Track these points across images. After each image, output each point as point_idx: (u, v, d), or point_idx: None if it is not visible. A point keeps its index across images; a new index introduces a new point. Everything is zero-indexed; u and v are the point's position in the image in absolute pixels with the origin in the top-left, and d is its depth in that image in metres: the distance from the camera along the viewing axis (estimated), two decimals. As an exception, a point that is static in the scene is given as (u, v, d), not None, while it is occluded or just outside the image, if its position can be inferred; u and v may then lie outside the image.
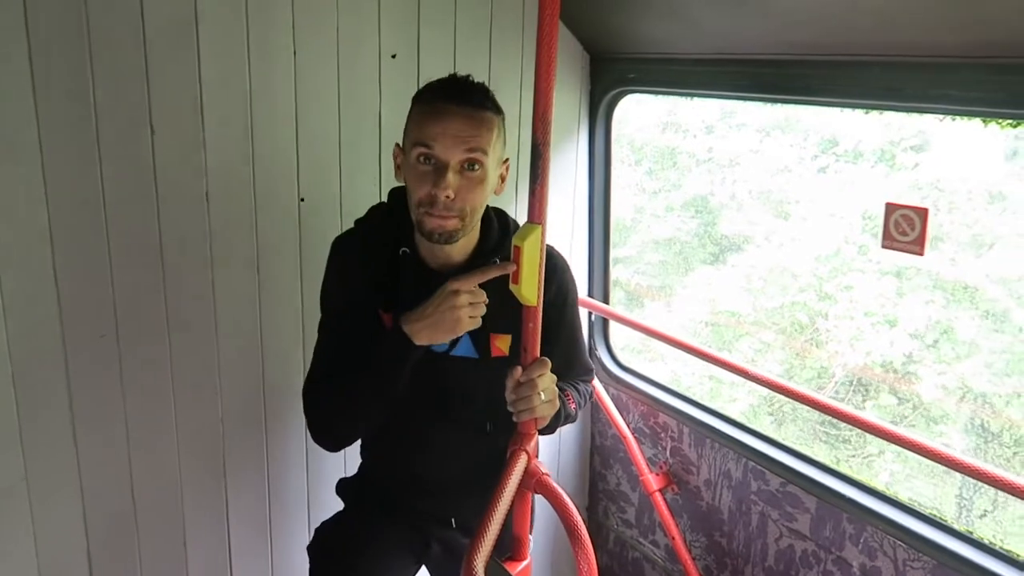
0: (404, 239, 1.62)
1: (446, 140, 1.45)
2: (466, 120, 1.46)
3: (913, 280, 3.95)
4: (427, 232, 1.50)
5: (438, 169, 1.46)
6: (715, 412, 2.31)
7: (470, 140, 1.45)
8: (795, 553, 2.09)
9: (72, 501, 1.88)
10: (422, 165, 1.47)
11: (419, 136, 1.47)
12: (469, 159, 1.47)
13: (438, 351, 1.63)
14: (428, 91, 1.52)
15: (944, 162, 3.78)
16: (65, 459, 1.85)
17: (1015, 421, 3.61)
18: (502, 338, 1.65)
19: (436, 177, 1.45)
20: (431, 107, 1.47)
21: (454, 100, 1.46)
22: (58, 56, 1.66)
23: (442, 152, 1.45)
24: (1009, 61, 1.48)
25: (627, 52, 2.33)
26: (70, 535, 1.89)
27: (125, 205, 1.80)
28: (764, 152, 4.91)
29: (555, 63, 1.34)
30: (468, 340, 1.63)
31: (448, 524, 1.78)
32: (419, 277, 1.60)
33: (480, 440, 1.70)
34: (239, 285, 1.99)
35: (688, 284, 5.12)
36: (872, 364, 4.05)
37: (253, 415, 2.10)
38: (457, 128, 1.45)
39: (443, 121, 1.45)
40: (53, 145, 1.68)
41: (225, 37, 1.84)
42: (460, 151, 1.45)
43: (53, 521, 1.86)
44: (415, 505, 1.78)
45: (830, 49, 1.81)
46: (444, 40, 2.15)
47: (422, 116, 1.48)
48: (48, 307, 1.76)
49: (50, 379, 1.79)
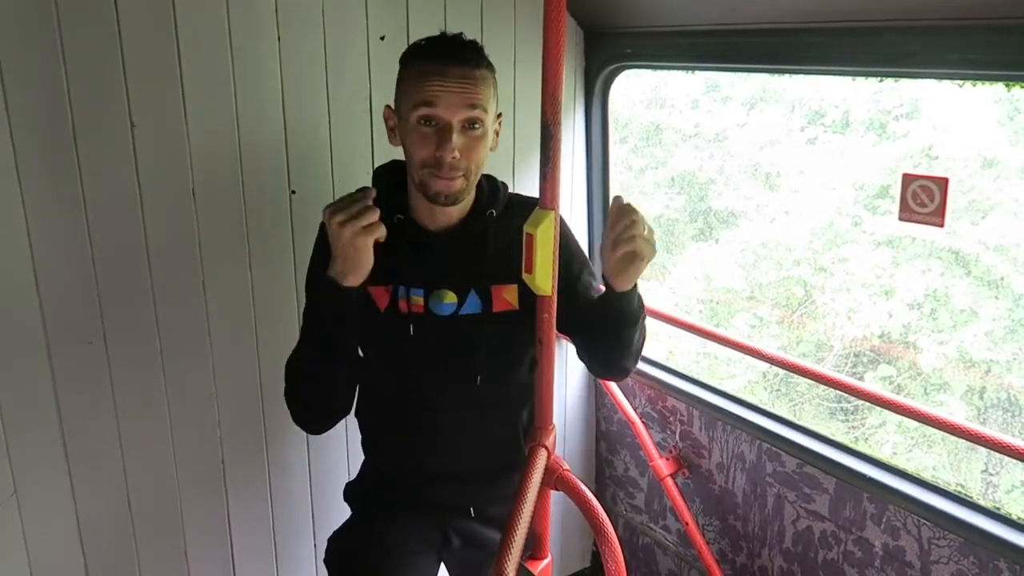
0: (396, 207, 1.57)
1: (449, 100, 1.43)
2: (465, 79, 1.44)
3: (908, 250, 3.93)
4: (433, 194, 1.49)
5: (441, 130, 1.45)
6: (727, 394, 2.26)
7: (471, 98, 1.44)
8: (813, 534, 2.05)
9: (66, 515, 1.80)
10: (424, 127, 1.45)
11: (419, 97, 1.44)
12: (470, 117, 1.46)
13: (446, 314, 1.58)
14: (421, 51, 1.48)
15: (937, 129, 3.75)
16: (56, 472, 1.77)
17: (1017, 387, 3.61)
18: (508, 289, 1.60)
19: (440, 138, 1.44)
20: (428, 68, 1.44)
21: (450, 59, 1.44)
22: (26, 46, 1.55)
23: (445, 112, 1.44)
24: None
25: (623, 26, 2.25)
26: (65, 551, 1.82)
27: (107, 204, 1.70)
28: (751, 125, 4.86)
29: (564, 40, 1.26)
30: (475, 296, 1.59)
31: (467, 514, 1.73)
32: (418, 242, 1.57)
33: (492, 409, 1.65)
34: (231, 284, 1.91)
35: (679, 262, 5.08)
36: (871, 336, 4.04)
37: (251, 418, 2.02)
38: (457, 88, 1.43)
39: (442, 81, 1.43)
40: (26, 143, 1.58)
41: (206, 23, 1.74)
42: (462, 110, 1.44)
43: (47, 537, 1.78)
44: (429, 498, 1.71)
45: (837, 16, 1.74)
46: (434, 20, 2.06)
47: (420, 77, 1.44)
48: (30, 314, 1.67)
49: (36, 390, 1.71)
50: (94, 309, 1.74)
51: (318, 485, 2.16)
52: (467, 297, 1.59)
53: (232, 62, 1.79)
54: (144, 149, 1.72)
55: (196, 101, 1.76)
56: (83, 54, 1.61)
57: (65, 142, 1.63)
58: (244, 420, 2.01)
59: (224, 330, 1.92)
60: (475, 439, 1.67)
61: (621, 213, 1.40)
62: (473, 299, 1.60)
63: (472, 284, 1.60)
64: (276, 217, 1.93)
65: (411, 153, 1.49)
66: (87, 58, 1.62)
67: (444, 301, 1.59)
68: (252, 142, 1.86)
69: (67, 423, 1.75)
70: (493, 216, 1.60)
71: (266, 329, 1.97)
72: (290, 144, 1.91)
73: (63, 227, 1.67)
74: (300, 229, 1.96)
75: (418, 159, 1.47)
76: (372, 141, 2.03)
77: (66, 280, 1.69)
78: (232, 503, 2.04)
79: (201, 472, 1.97)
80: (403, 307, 1.58)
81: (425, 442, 1.67)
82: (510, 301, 1.61)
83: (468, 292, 1.59)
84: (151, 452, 1.88)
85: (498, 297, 1.61)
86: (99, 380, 1.78)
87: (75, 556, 1.83)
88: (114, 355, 1.78)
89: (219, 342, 1.92)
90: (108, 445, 1.82)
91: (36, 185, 1.61)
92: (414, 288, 1.58)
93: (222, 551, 2.06)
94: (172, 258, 1.81)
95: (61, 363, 1.72)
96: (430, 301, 1.58)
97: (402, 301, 1.58)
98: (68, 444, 1.76)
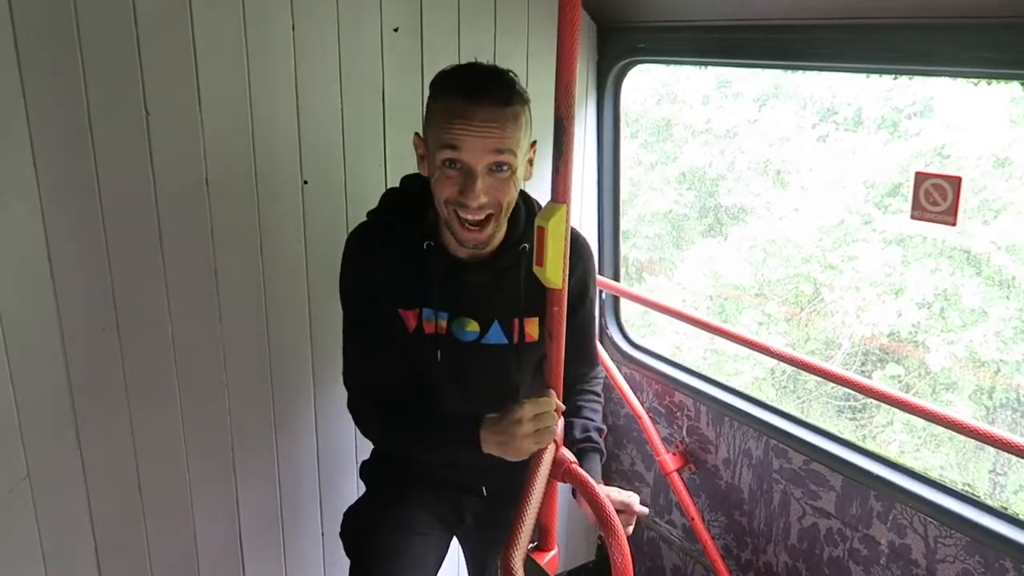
0: (427, 231, 1.55)
1: (474, 145, 1.37)
2: (492, 122, 1.37)
3: (919, 249, 3.91)
4: (462, 241, 1.47)
5: (466, 174, 1.40)
6: (734, 390, 2.26)
7: (498, 143, 1.38)
8: (819, 531, 2.05)
9: (78, 499, 1.82)
10: (449, 169, 1.41)
11: (443, 139, 1.39)
12: (497, 162, 1.40)
13: (468, 340, 1.59)
14: (449, 83, 1.42)
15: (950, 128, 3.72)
16: (69, 457, 1.79)
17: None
18: (531, 322, 1.60)
19: (464, 184, 1.40)
20: (454, 106, 1.38)
21: (478, 97, 1.37)
22: (45, 36, 1.56)
23: (470, 159, 1.39)
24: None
25: (636, 21, 2.25)
26: (77, 534, 1.84)
27: (121, 192, 1.72)
28: (762, 121, 4.84)
29: (578, 35, 1.26)
30: (498, 327, 1.59)
31: (479, 494, 1.76)
32: (448, 270, 1.55)
33: None
34: (242, 272, 1.92)
35: (688, 257, 5.07)
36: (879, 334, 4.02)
37: (260, 405, 2.03)
38: (483, 132, 1.37)
39: (468, 124, 1.36)
40: (43, 131, 1.60)
41: (221, 13, 1.74)
42: (488, 155, 1.39)
43: (59, 521, 1.80)
44: (443, 477, 1.74)
45: (851, 12, 1.74)
46: (448, 12, 2.06)
47: (445, 116, 1.39)
48: (45, 301, 1.68)
49: (50, 377, 1.72)
50: (107, 297, 1.75)
51: (325, 468, 2.18)
52: (490, 328, 1.59)
53: (247, 53, 1.79)
54: (159, 138, 1.73)
55: (210, 91, 1.77)
56: (99, 44, 1.62)
57: (81, 131, 1.64)
58: (254, 407, 2.02)
59: (235, 318, 1.93)
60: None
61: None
62: (496, 330, 1.60)
63: (497, 316, 1.59)
64: (288, 206, 1.94)
65: (437, 188, 1.44)
66: (103, 48, 1.63)
67: (466, 328, 1.59)
68: (265, 132, 1.86)
69: (79, 409, 1.77)
70: (526, 251, 1.56)
71: (276, 317, 1.99)
72: (303, 134, 1.92)
73: (78, 215, 1.68)
74: (311, 218, 1.97)
75: (443, 197, 1.43)
76: (384, 132, 2.03)
77: (80, 268, 1.71)
78: (241, 487, 2.05)
79: (211, 457, 1.99)
80: (429, 329, 1.57)
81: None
82: (531, 335, 1.62)
83: (491, 323, 1.58)
84: (162, 438, 1.90)
85: (522, 330, 1.60)
86: (111, 367, 1.79)
87: (86, 539, 1.85)
88: (126, 343, 1.80)
89: (230, 330, 1.93)
90: (120, 431, 1.84)
91: (52, 173, 1.63)
92: (441, 312, 1.57)
93: (230, 534, 2.08)
94: (185, 246, 1.82)
95: (74, 350, 1.74)
96: (452, 326, 1.58)
97: (428, 323, 1.57)
98: (80, 429, 1.78)
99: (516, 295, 1.56)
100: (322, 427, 2.13)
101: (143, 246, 1.77)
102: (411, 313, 1.58)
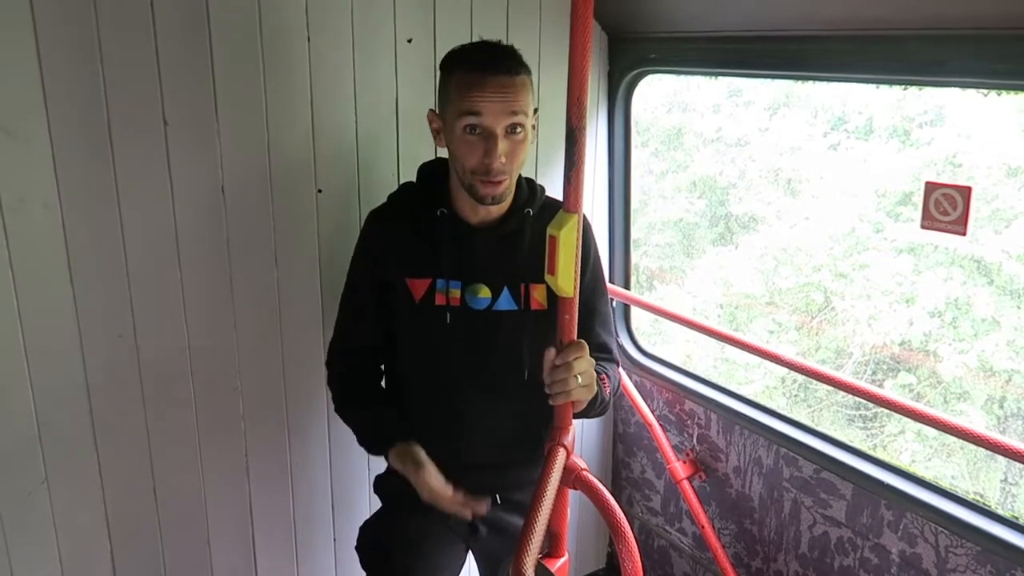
0: (439, 202, 1.68)
1: (492, 109, 1.52)
2: (506, 87, 1.53)
3: (930, 258, 3.90)
4: (480, 197, 1.59)
5: (487, 138, 1.54)
6: (744, 398, 2.27)
7: (513, 106, 1.53)
8: (830, 540, 2.06)
9: (94, 503, 1.84)
10: (470, 136, 1.55)
11: (463, 107, 1.53)
12: (513, 123, 1.55)
13: (481, 308, 1.68)
14: (461, 60, 1.57)
15: (961, 137, 3.71)
16: (86, 462, 1.81)
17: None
18: (538, 288, 1.69)
19: (487, 146, 1.54)
20: (470, 78, 1.53)
21: (492, 69, 1.52)
22: (68, 49, 1.60)
23: (490, 121, 1.52)
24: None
25: (647, 31, 2.27)
26: (93, 537, 1.86)
27: (139, 200, 1.74)
28: (773, 130, 4.84)
29: (590, 45, 1.28)
30: (507, 293, 1.68)
31: (492, 502, 1.77)
32: (459, 235, 1.68)
33: (518, 403, 1.72)
34: (257, 279, 1.94)
35: (698, 266, 5.07)
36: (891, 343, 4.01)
37: (274, 411, 2.05)
38: (500, 97, 1.52)
39: (485, 92, 1.51)
40: (63, 139, 1.63)
41: (238, 23, 1.77)
42: (505, 118, 1.53)
43: (75, 524, 1.83)
44: (457, 487, 1.75)
45: (862, 24, 1.75)
46: (461, 23, 2.09)
47: (463, 87, 1.53)
48: (64, 307, 1.71)
49: (68, 382, 1.75)
50: (125, 303, 1.78)
51: (338, 476, 2.20)
52: (501, 293, 1.68)
53: (263, 63, 1.82)
54: (176, 147, 1.76)
55: (227, 101, 1.79)
56: (119, 52, 1.65)
57: (100, 139, 1.67)
58: (267, 414, 2.04)
59: (250, 325, 1.95)
60: (501, 429, 1.75)
61: (554, 373, 1.44)
62: (506, 296, 1.68)
63: (506, 281, 1.69)
64: (302, 214, 1.97)
65: (458, 158, 1.58)
66: (123, 56, 1.66)
67: (479, 295, 1.68)
68: (280, 141, 1.89)
69: (96, 414, 1.79)
70: (530, 215, 1.69)
71: (290, 324, 2.01)
72: (317, 143, 1.94)
73: (97, 222, 1.71)
74: (325, 227, 2.00)
75: (467, 166, 1.56)
76: (397, 141, 2.06)
77: (99, 274, 1.73)
78: (254, 494, 2.07)
79: (225, 464, 2.01)
80: (440, 300, 1.67)
81: (452, 431, 1.73)
82: (540, 301, 1.70)
83: (502, 288, 1.68)
84: (177, 442, 1.92)
85: (530, 296, 1.69)
86: (128, 373, 1.82)
87: (102, 542, 1.88)
88: (143, 349, 1.82)
89: (244, 335, 1.95)
90: (136, 436, 1.86)
91: (71, 180, 1.66)
92: (453, 281, 1.67)
93: (243, 540, 2.09)
94: (201, 253, 1.85)
95: (92, 355, 1.76)
96: (466, 294, 1.67)
97: (439, 294, 1.67)
98: (97, 434, 1.81)
99: (522, 260, 1.67)
100: (334, 434, 2.15)
101: (160, 253, 1.80)
102: (420, 283, 1.67)
